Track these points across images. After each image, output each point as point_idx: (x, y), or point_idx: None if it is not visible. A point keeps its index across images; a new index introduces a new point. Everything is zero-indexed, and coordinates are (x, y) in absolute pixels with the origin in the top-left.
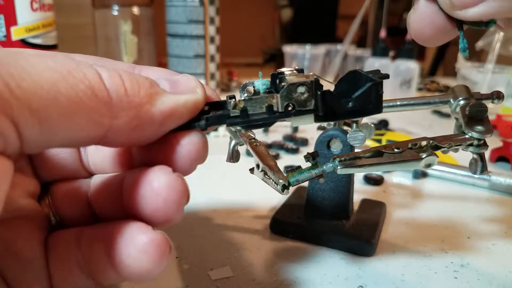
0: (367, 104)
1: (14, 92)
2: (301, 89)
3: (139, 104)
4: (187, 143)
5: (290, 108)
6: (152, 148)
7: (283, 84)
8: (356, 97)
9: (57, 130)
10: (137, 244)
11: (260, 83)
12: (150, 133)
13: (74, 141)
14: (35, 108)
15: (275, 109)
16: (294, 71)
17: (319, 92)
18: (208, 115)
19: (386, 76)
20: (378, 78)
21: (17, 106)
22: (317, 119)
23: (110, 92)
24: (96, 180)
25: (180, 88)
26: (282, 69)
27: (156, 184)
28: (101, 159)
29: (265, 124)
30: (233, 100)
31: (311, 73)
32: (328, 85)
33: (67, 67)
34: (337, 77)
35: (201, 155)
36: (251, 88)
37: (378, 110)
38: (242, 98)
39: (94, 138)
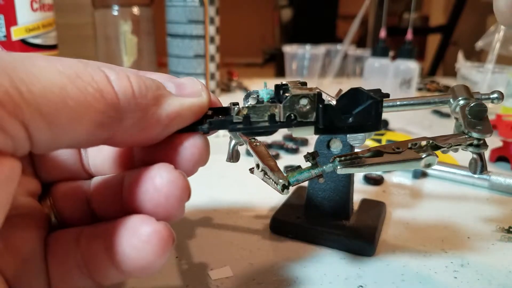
0: (366, 121)
1: (25, 96)
2: (303, 101)
3: (146, 106)
4: (191, 146)
5: (291, 119)
6: (154, 149)
7: (286, 95)
8: (357, 113)
9: (66, 132)
10: (141, 234)
11: (265, 92)
12: (155, 134)
13: (82, 142)
14: (45, 112)
15: (277, 118)
16: (298, 84)
17: (321, 105)
18: (211, 119)
19: (387, 95)
20: (379, 96)
21: (27, 110)
22: (317, 131)
23: (118, 94)
24: (96, 180)
25: (186, 91)
26: (286, 81)
27: (158, 180)
28: (101, 161)
29: (266, 132)
30: (237, 106)
31: (314, 87)
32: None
33: (75, 70)
34: (339, 92)
35: (204, 157)
36: (254, 98)
37: (377, 127)
38: (246, 106)
39: (102, 139)
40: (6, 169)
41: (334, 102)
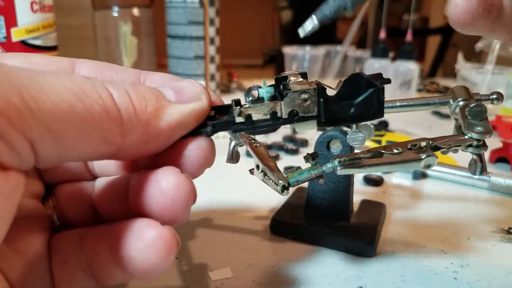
0: (369, 110)
1: (34, 113)
2: (304, 96)
3: (147, 121)
4: (196, 148)
5: (293, 115)
6: (160, 153)
7: (286, 91)
8: (358, 103)
9: (72, 148)
10: (145, 238)
11: (264, 90)
12: (159, 146)
13: (87, 157)
14: (52, 129)
15: (279, 115)
16: (298, 75)
17: (321, 99)
18: (214, 122)
19: (388, 81)
20: (380, 83)
21: (35, 127)
22: (319, 125)
23: (121, 112)
24: (100, 182)
25: (186, 96)
26: (286, 73)
27: (164, 184)
28: (106, 163)
29: (269, 130)
30: (238, 107)
31: (313, 80)
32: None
33: (83, 87)
34: (339, 83)
35: (209, 159)
36: (255, 93)
37: (380, 115)
38: (247, 105)
39: (106, 154)
40: (11, 183)
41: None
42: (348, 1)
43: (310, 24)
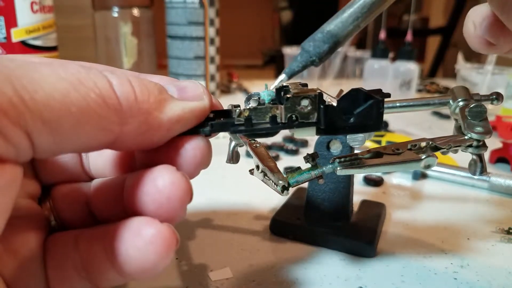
0: (367, 121)
1: (28, 104)
2: (304, 102)
3: (148, 111)
4: (193, 148)
5: (293, 120)
6: (156, 152)
7: (287, 96)
8: (358, 113)
9: (69, 138)
10: (145, 235)
11: (266, 93)
12: (157, 138)
13: (85, 147)
14: (48, 119)
15: (278, 120)
16: (299, 85)
17: (322, 106)
18: (213, 122)
19: (388, 95)
20: (380, 96)
21: (30, 118)
22: (318, 132)
23: (120, 100)
24: (96, 183)
25: (188, 94)
26: (287, 83)
27: (160, 182)
28: (102, 163)
29: (268, 133)
30: (238, 108)
31: (315, 87)
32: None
33: (77, 76)
34: (340, 93)
35: (206, 159)
36: (256, 99)
37: (378, 127)
38: (247, 108)
39: (104, 144)
40: (8, 176)
41: (335, 103)
42: (314, 56)
43: (279, 80)
